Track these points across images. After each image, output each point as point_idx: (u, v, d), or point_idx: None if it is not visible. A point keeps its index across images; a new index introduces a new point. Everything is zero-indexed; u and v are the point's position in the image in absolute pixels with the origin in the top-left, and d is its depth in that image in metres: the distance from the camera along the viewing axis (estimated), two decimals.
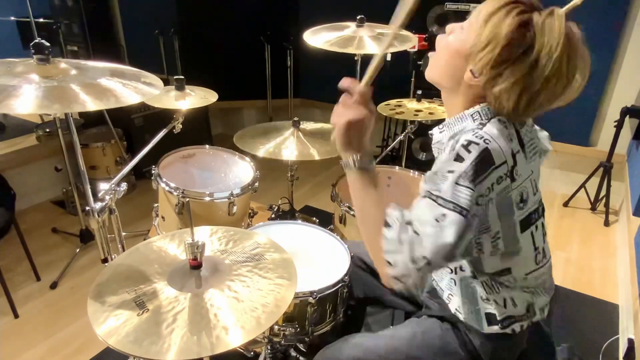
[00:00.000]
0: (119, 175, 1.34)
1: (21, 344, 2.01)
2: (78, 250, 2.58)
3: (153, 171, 1.79)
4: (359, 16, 2.04)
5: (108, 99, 1.07)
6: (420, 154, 3.46)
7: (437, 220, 0.86)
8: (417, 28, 2.86)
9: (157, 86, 1.22)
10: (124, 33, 4.18)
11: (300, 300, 1.32)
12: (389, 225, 0.92)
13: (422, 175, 1.15)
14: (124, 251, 1.29)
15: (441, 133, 1.05)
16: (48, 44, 1.14)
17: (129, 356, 1.09)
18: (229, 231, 1.27)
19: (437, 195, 0.88)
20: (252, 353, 1.59)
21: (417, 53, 3.07)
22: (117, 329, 0.92)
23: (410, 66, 3.19)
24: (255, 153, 1.89)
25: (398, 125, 3.68)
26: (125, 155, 3.10)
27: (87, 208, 1.23)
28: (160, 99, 1.76)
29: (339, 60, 2.10)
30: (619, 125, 2.87)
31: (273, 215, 2.21)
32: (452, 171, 0.87)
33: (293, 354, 1.47)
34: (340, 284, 1.36)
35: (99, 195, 1.26)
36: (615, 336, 2.09)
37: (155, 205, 1.93)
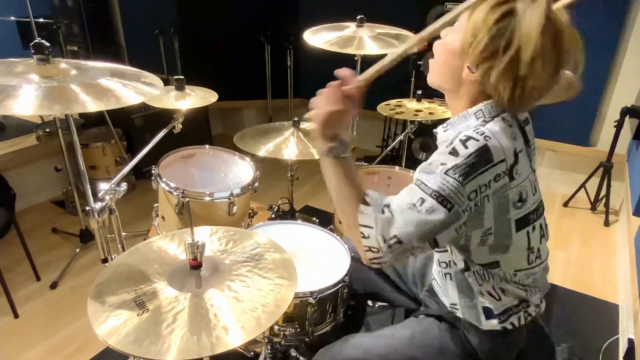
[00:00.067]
0: (119, 175, 1.34)
1: (21, 344, 2.01)
2: (78, 250, 2.58)
3: (153, 171, 1.78)
4: (359, 16, 2.04)
5: (108, 99, 1.07)
6: (420, 154, 3.46)
7: (415, 204, 0.89)
8: (417, 28, 2.85)
9: (157, 86, 1.22)
10: (124, 33, 4.19)
11: (300, 301, 1.31)
12: (367, 204, 0.94)
13: None
14: (124, 251, 1.29)
15: (445, 132, 1.05)
16: (48, 44, 1.14)
17: (129, 356, 1.09)
18: (229, 231, 1.27)
19: (422, 182, 0.90)
20: (252, 353, 1.59)
21: (417, 53, 3.07)
22: (117, 329, 0.92)
23: (410, 66, 3.20)
24: (255, 153, 1.89)
25: (398, 125, 3.68)
26: (125, 155, 3.10)
27: (87, 208, 1.24)
28: (160, 99, 1.76)
29: (339, 60, 2.08)
30: (619, 125, 2.87)
31: (273, 215, 2.21)
32: (445, 163, 0.89)
33: (293, 354, 1.47)
34: (341, 284, 1.36)
35: (99, 195, 1.26)
36: (615, 336, 2.09)
37: (155, 205, 1.92)
